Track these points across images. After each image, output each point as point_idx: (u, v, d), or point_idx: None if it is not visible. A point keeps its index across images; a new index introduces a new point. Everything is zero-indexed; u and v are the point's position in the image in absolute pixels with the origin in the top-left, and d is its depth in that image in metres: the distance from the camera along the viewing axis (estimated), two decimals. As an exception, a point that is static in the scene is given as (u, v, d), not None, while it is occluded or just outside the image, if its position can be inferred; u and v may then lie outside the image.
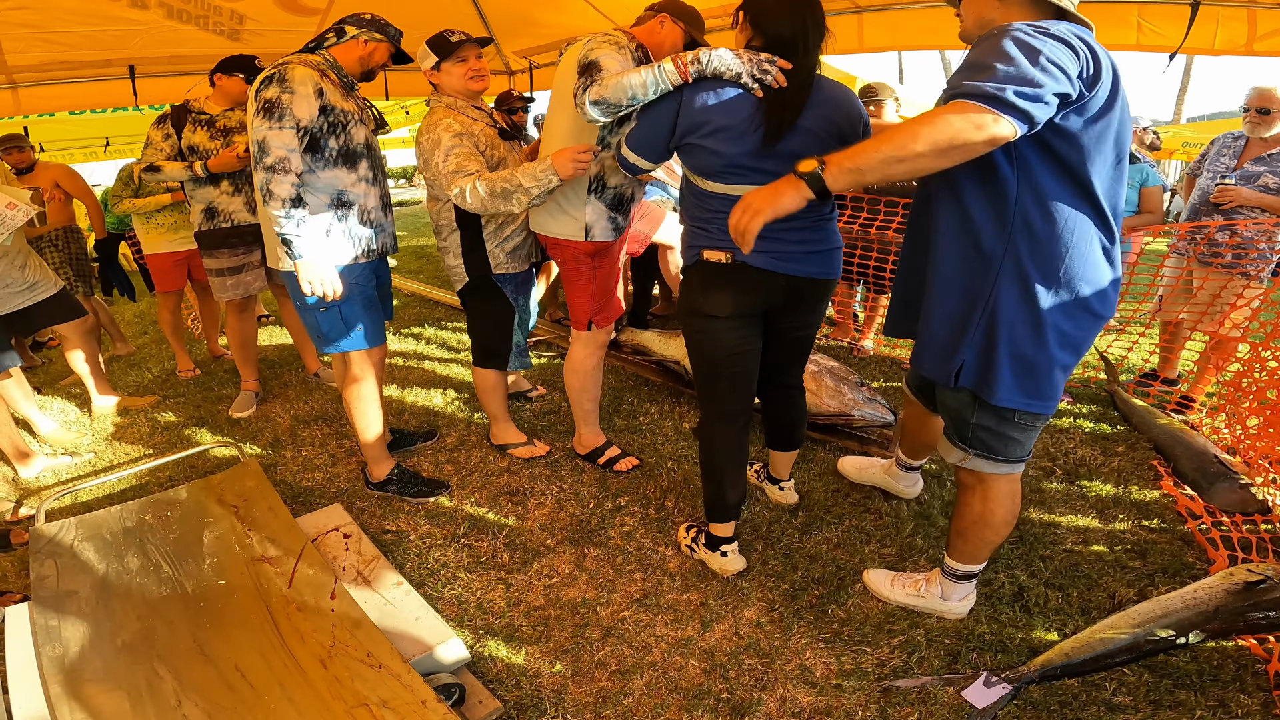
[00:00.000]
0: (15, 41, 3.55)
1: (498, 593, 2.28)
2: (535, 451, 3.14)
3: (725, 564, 2.36)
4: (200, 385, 4.26)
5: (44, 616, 1.94)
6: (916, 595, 2.17)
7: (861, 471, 2.84)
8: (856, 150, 1.47)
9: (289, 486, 2.94)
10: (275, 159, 2.29)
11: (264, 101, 2.31)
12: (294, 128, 2.32)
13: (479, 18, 4.70)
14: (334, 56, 2.56)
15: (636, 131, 2.14)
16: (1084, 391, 3.76)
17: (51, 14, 3.40)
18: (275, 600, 1.89)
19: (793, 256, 2.06)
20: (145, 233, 4.19)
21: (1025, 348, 1.64)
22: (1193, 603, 1.97)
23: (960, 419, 1.84)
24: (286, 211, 2.31)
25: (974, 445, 1.84)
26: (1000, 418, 1.76)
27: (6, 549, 2.67)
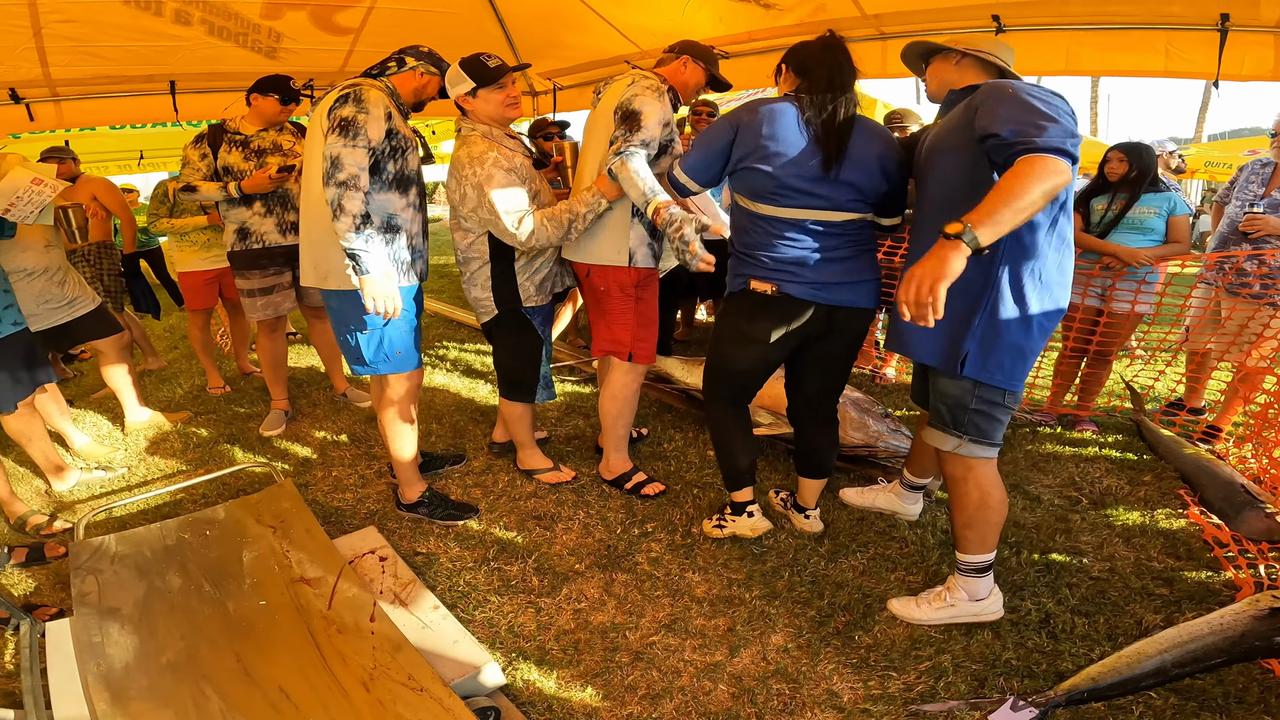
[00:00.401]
0: (61, 55, 3.63)
1: (528, 616, 2.31)
2: (562, 477, 3.16)
3: (755, 524, 2.61)
4: (230, 402, 4.33)
5: (87, 632, 1.99)
6: (946, 606, 2.24)
7: (863, 496, 2.90)
8: (990, 206, 1.68)
9: (320, 506, 2.98)
10: (348, 175, 2.32)
11: (339, 119, 2.34)
12: (366, 147, 2.37)
13: (505, 39, 4.80)
14: (394, 84, 2.63)
15: (691, 156, 2.32)
16: (1110, 421, 3.77)
17: (98, 28, 3.48)
18: (316, 622, 1.93)
19: (833, 287, 2.23)
20: (178, 250, 4.28)
21: (1019, 338, 1.97)
22: (1219, 628, 2.00)
23: (959, 405, 2.07)
24: (356, 227, 2.34)
25: (968, 430, 2.09)
26: (992, 401, 2.05)
27: (41, 562, 2.72)
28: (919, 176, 2.20)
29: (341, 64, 4.61)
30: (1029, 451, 3.42)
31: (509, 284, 2.81)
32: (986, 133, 1.79)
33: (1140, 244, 3.44)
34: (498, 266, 2.78)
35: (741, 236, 2.36)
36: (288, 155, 3.50)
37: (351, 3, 3.91)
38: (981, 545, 2.18)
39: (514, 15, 4.50)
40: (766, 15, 3.72)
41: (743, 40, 4.13)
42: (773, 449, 3.35)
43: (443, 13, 4.25)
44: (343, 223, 2.32)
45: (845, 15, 3.51)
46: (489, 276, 2.80)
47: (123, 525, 2.89)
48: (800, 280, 2.22)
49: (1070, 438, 3.59)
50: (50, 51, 3.58)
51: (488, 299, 2.84)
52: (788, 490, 2.90)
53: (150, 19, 3.52)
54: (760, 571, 2.51)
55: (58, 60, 3.67)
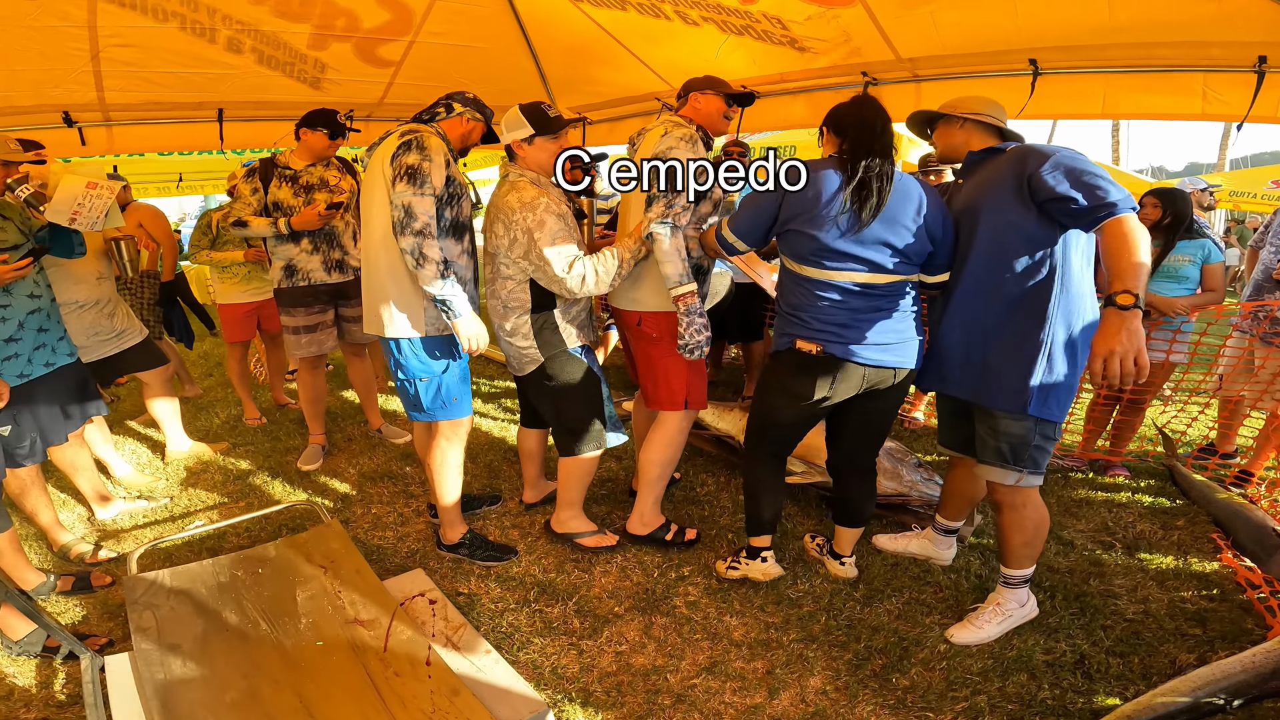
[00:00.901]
0: (117, 79, 3.70)
1: (571, 658, 2.35)
2: (606, 541, 2.99)
3: (766, 569, 2.72)
4: (267, 434, 4.41)
5: (149, 669, 2.04)
6: (1005, 618, 2.44)
7: (896, 542, 2.95)
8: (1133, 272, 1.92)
9: (361, 544, 3.02)
10: (422, 224, 2.39)
11: (406, 167, 2.39)
12: (433, 195, 2.43)
13: (539, 74, 4.90)
14: (444, 130, 2.66)
15: (740, 218, 2.44)
16: (1142, 466, 3.78)
17: (153, 53, 3.54)
18: (373, 664, 1.98)
19: (876, 348, 2.32)
20: (219, 282, 4.37)
21: (1070, 375, 2.19)
22: (1251, 666, 2.05)
23: (1022, 442, 2.25)
24: (441, 273, 2.42)
25: (1026, 464, 2.26)
26: (1047, 435, 2.25)
27: (87, 590, 2.79)
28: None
29: (381, 95, 4.72)
30: (1061, 497, 3.44)
31: (553, 330, 2.73)
32: (1053, 196, 2.05)
33: (1175, 292, 3.46)
34: (540, 314, 2.71)
35: (787, 296, 2.45)
36: (334, 191, 3.56)
37: (394, 36, 4.01)
38: (1033, 560, 2.42)
39: (548, 51, 4.59)
40: (801, 57, 3.78)
41: (775, 81, 4.20)
42: (804, 495, 3.38)
43: (480, 48, 4.35)
44: (427, 270, 2.40)
45: (880, 59, 3.54)
46: (530, 325, 2.72)
47: (168, 556, 2.97)
48: (844, 341, 2.32)
49: (1102, 483, 3.61)
50: (106, 75, 3.64)
51: (531, 348, 2.74)
52: (824, 536, 2.94)
53: (205, 46, 3.59)
54: (797, 615, 2.55)
55: (113, 84, 3.74)
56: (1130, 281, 1.91)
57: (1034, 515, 2.34)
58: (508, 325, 2.75)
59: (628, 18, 3.77)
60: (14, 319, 2.71)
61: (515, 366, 2.86)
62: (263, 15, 3.47)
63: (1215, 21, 2.49)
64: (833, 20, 3.24)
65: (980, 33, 3.05)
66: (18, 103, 3.66)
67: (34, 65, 3.38)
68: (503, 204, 2.60)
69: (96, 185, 2.91)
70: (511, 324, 2.74)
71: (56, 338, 2.93)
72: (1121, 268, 1.93)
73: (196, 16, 3.36)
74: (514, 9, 4.06)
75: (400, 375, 2.72)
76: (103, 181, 2.94)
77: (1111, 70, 3.06)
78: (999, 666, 2.28)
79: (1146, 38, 2.75)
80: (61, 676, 2.33)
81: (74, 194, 2.84)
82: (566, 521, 3.01)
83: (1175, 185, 7.43)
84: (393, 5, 3.70)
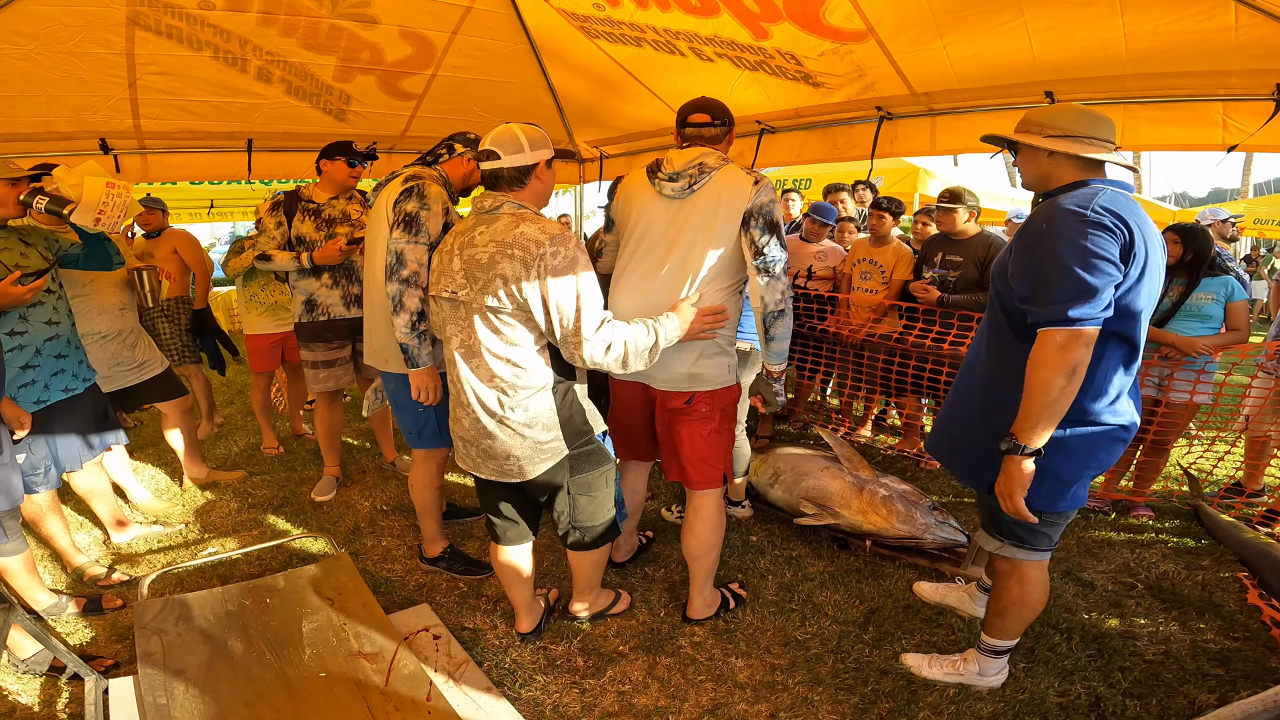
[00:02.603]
0: (153, 107, 3.83)
1: (572, 697, 2.32)
2: (625, 603, 2.82)
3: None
4: (284, 464, 4.44)
5: (152, 693, 2.05)
6: (955, 673, 2.36)
7: (937, 592, 2.87)
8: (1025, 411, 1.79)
9: (370, 576, 3.02)
10: (410, 272, 2.46)
11: (404, 214, 2.49)
12: (427, 243, 2.50)
13: (556, 108, 4.99)
14: (446, 172, 2.77)
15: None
16: (1167, 506, 3.69)
17: (188, 81, 3.67)
18: (374, 697, 1.97)
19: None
20: (246, 312, 4.43)
21: (1055, 465, 1.91)
22: (1273, 705, 1.96)
23: (996, 515, 2.07)
24: (412, 323, 2.48)
25: (1008, 537, 2.10)
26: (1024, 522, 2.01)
27: (98, 613, 2.83)
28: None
29: (403, 128, 4.83)
30: (1082, 538, 3.36)
31: (581, 411, 2.23)
32: (1010, 273, 1.89)
33: (1199, 332, 3.40)
34: (562, 390, 2.18)
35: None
36: (355, 226, 3.61)
37: (416, 70, 4.12)
38: (1008, 634, 2.27)
39: (566, 86, 4.69)
40: (815, 93, 3.81)
41: (790, 116, 4.24)
42: (816, 536, 3.33)
43: (500, 82, 4.46)
44: (401, 319, 2.49)
45: (895, 93, 3.56)
46: (551, 408, 2.16)
47: (180, 582, 2.99)
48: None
49: (1125, 524, 3.53)
50: (143, 103, 3.77)
51: (554, 440, 2.18)
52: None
53: (236, 75, 3.73)
54: (804, 658, 2.50)
55: (149, 112, 3.87)
56: (1019, 424, 1.80)
57: (1015, 590, 2.17)
58: (515, 415, 2.12)
59: (643, 54, 3.84)
60: (31, 345, 2.76)
61: (512, 470, 2.21)
62: (291, 47, 3.60)
63: (1233, 50, 2.47)
64: (846, 56, 3.27)
65: (995, 66, 3.06)
66: (57, 128, 3.79)
67: (74, 91, 3.51)
68: (511, 238, 2.01)
69: (114, 184, 2.92)
70: (524, 411, 2.12)
71: (76, 363, 2.97)
72: (1022, 405, 1.79)
73: (229, 46, 3.49)
74: (532, 44, 4.16)
75: (396, 407, 2.90)
76: (118, 180, 2.97)
77: (1129, 101, 3.04)
78: (1010, 710, 2.23)
79: (1164, 68, 2.73)
80: (65, 696, 2.36)
81: (98, 197, 2.86)
82: (595, 603, 2.71)
83: (1196, 215, 7.36)
84: (415, 39, 3.81)
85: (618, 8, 3.39)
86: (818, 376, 4.76)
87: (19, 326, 2.72)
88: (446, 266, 2.14)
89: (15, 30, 2.99)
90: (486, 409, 2.12)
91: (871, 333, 4.33)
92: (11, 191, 2.65)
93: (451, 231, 2.21)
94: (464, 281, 2.08)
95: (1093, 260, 1.70)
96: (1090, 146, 1.85)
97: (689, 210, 2.31)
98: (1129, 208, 1.76)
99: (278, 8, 3.30)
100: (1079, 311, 1.70)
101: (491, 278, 2.02)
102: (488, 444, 2.17)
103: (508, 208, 2.10)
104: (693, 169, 2.29)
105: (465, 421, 2.19)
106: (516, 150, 2.09)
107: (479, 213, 2.13)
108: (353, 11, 3.45)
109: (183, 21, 3.25)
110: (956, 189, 4.03)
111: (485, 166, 2.12)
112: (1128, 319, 1.80)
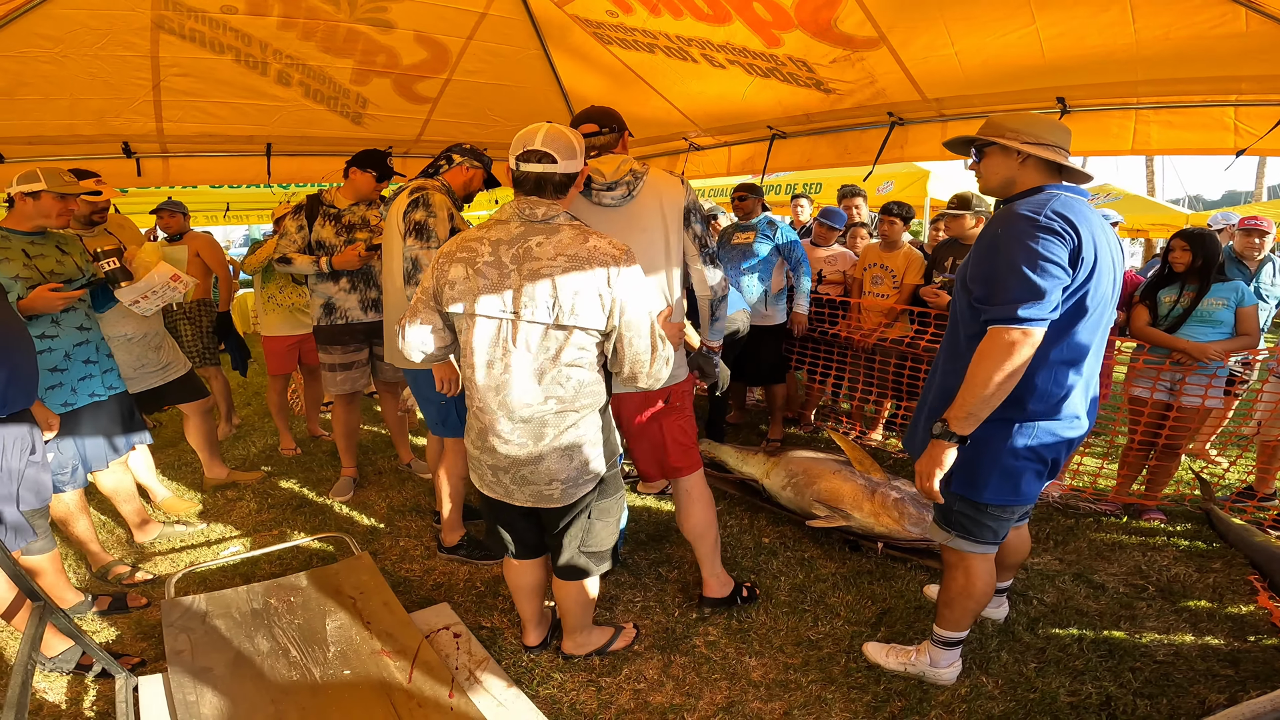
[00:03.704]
0: (175, 109, 3.88)
1: (589, 694, 2.36)
2: (629, 635, 2.65)
3: None
4: (301, 465, 4.51)
5: (181, 690, 2.11)
6: (908, 663, 2.42)
7: None
8: (962, 400, 1.89)
9: (388, 576, 3.05)
10: None
11: (414, 223, 2.67)
12: (438, 247, 2.61)
13: (569, 113, 5.01)
14: (448, 182, 2.91)
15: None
16: (1179, 509, 3.71)
17: (209, 83, 3.73)
18: (397, 694, 2.02)
19: None
20: (264, 315, 4.50)
21: (1005, 459, 2.01)
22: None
23: (945, 509, 2.17)
24: None
25: (955, 527, 2.18)
26: (976, 508, 2.12)
27: (123, 611, 2.89)
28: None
29: (418, 132, 4.88)
30: (1093, 541, 3.38)
31: (611, 430, 2.19)
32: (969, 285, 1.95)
33: (1210, 337, 3.41)
34: (605, 414, 2.14)
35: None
36: (374, 232, 3.66)
37: (431, 73, 4.17)
38: (956, 624, 2.31)
39: (578, 91, 4.72)
40: (826, 98, 3.83)
41: (801, 121, 4.27)
42: (828, 538, 3.36)
43: (512, 86, 4.50)
44: None
45: (906, 99, 3.58)
46: (600, 427, 2.10)
47: (203, 580, 3.05)
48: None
49: (1137, 527, 3.54)
50: (166, 106, 3.82)
51: (597, 462, 2.11)
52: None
53: (256, 78, 3.78)
54: (816, 657, 2.54)
55: (171, 115, 3.92)
56: (953, 411, 1.90)
57: (961, 580, 2.23)
58: (566, 436, 2.03)
59: (656, 60, 3.87)
60: (60, 349, 2.84)
61: (553, 495, 2.10)
62: (310, 50, 3.65)
63: (1243, 55, 2.49)
64: (858, 63, 3.30)
65: (1006, 70, 3.07)
66: (81, 132, 3.84)
67: (98, 94, 3.57)
68: (585, 252, 1.91)
69: (179, 279, 3.16)
70: (574, 431, 2.04)
71: (103, 370, 3.05)
72: (959, 393, 1.89)
73: (250, 50, 3.55)
74: (545, 50, 4.21)
75: (420, 399, 3.07)
76: (185, 278, 3.21)
77: (1141, 106, 3.05)
78: (1020, 709, 2.25)
79: (1175, 73, 2.75)
80: (92, 694, 2.40)
81: (154, 283, 3.09)
82: (587, 642, 2.54)
83: (1208, 219, 7.32)
84: (430, 44, 3.86)
85: (631, 15, 3.42)
86: (829, 380, 4.78)
87: (50, 330, 2.80)
88: (498, 284, 1.93)
89: (41, 34, 3.04)
90: (534, 433, 2.00)
91: (883, 337, 4.36)
92: (58, 204, 2.76)
93: (479, 241, 1.99)
94: (526, 300, 1.91)
95: (1041, 263, 1.79)
96: (1058, 155, 1.96)
97: (634, 216, 2.38)
98: (1081, 213, 1.86)
99: (297, 11, 3.35)
100: (1028, 311, 1.79)
101: (562, 293, 1.89)
102: (528, 470, 2.04)
103: (564, 218, 1.98)
104: (627, 176, 2.36)
105: (500, 449, 2.04)
106: (570, 155, 1.96)
107: (527, 221, 1.96)
108: (370, 16, 3.50)
109: (205, 25, 3.31)
110: (965, 194, 4.05)
111: (534, 170, 1.93)
112: (1076, 320, 1.90)
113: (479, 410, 2.04)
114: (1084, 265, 1.83)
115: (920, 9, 2.79)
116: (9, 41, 3.01)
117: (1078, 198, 1.92)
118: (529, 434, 2.00)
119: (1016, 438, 2.00)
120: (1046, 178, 1.98)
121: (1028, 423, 1.99)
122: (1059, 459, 2.07)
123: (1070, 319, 1.90)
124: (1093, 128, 3.22)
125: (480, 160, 2.99)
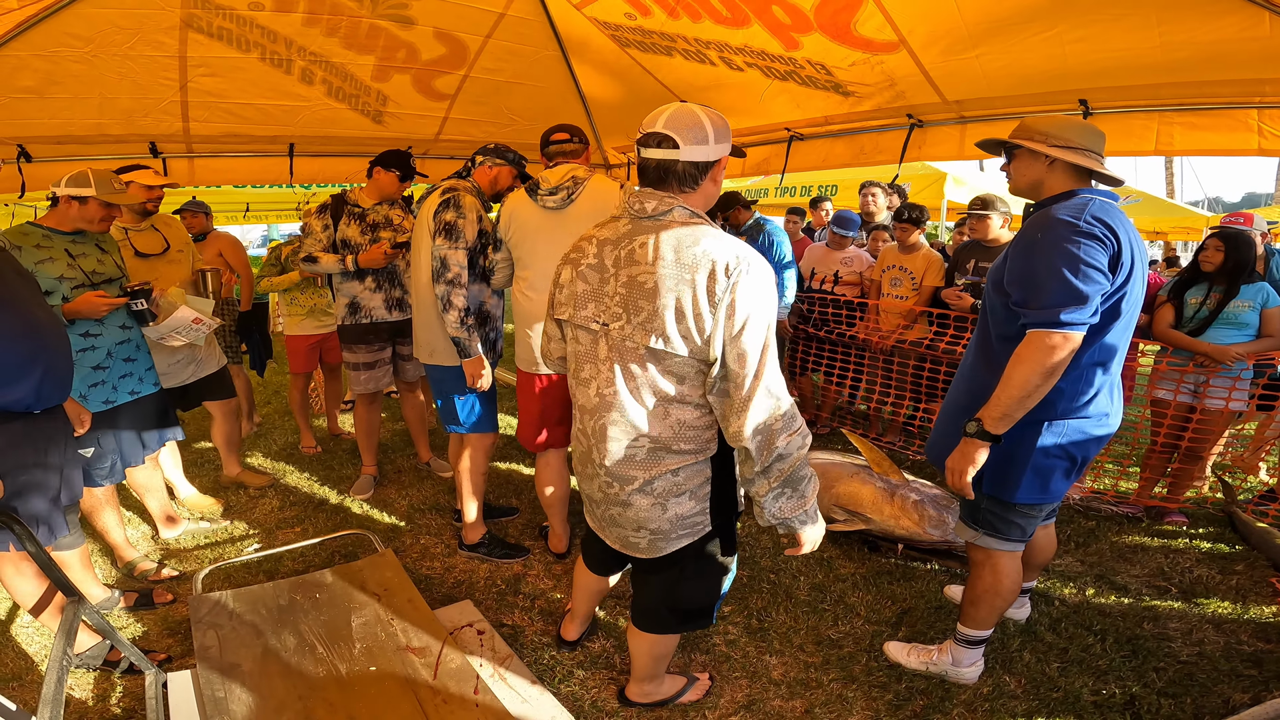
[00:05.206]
0: (202, 109, 3.92)
1: (610, 692, 2.38)
2: (704, 683, 2.41)
3: None
4: (321, 463, 4.55)
5: (210, 687, 2.13)
6: (930, 662, 2.43)
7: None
8: (998, 400, 1.92)
9: (410, 573, 3.03)
10: (454, 274, 2.76)
11: (443, 224, 2.76)
12: (465, 248, 2.78)
13: (585, 113, 5.04)
14: (477, 182, 2.97)
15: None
16: (1200, 512, 3.69)
17: (235, 83, 3.76)
18: (423, 691, 2.05)
19: None
20: (287, 315, 4.55)
21: (1037, 458, 2.03)
22: None
23: (974, 505, 2.20)
24: (462, 319, 2.77)
25: (983, 526, 2.20)
26: (1005, 507, 2.14)
27: (149, 607, 2.92)
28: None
29: (437, 131, 4.90)
30: (1115, 543, 3.37)
31: (731, 481, 1.86)
32: (1006, 280, 1.97)
33: (1235, 339, 3.39)
34: (721, 458, 1.80)
35: None
36: (398, 231, 3.70)
37: (449, 69, 4.19)
38: (981, 623, 2.33)
39: (596, 93, 4.74)
40: (845, 101, 3.83)
41: (819, 124, 4.26)
42: (847, 540, 3.37)
43: (529, 85, 4.52)
44: (451, 315, 2.76)
45: (925, 101, 3.56)
46: (709, 479, 1.79)
47: (227, 577, 3.09)
48: None
49: (1159, 529, 3.53)
50: (192, 106, 3.86)
51: (699, 514, 1.80)
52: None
53: (281, 76, 3.82)
54: (837, 656, 2.55)
55: (197, 115, 3.96)
56: (989, 410, 1.93)
57: (988, 579, 2.25)
58: (659, 483, 1.74)
59: (673, 63, 3.89)
60: (103, 348, 2.90)
61: (640, 544, 1.85)
62: (333, 47, 3.69)
63: (1267, 59, 2.47)
64: (877, 66, 3.30)
65: (1028, 74, 3.05)
66: (109, 131, 3.89)
67: (127, 94, 3.61)
68: (692, 257, 1.58)
69: (201, 322, 3.29)
70: (672, 478, 1.74)
71: (144, 368, 3.10)
72: (995, 393, 1.92)
73: (275, 47, 3.59)
74: (563, 51, 4.23)
75: (441, 395, 3.11)
76: (207, 320, 3.32)
77: (1164, 108, 3.03)
78: (1044, 708, 2.26)
79: (1199, 76, 2.74)
80: (119, 690, 2.43)
81: (180, 323, 3.20)
82: (655, 692, 2.30)
83: (1220, 222, 7.24)
84: (449, 40, 3.89)
85: (649, 17, 3.44)
86: (846, 382, 4.78)
87: (94, 329, 2.87)
88: (598, 290, 1.72)
89: (71, 33, 3.07)
90: (622, 473, 1.75)
91: (902, 339, 4.35)
92: (103, 210, 2.82)
93: (588, 240, 1.79)
94: (620, 310, 1.66)
95: (1083, 268, 1.81)
96: (1089, 159, 1.96)
97: (572, 218, 2.63)
98: (1118, 218, 1.88)
99: (321, 8, 3.39)
100: (1070, 315, 1.81)
101: (659, 308, 1.59)
102: (616, 511, 1.82)
103: (679, 214, 1.65)
104: (568, 182, 2.63)
105: (595, 481, 1.83)
106: (700, 140, 1.61)
107: (635, 217, 1.68)
108: (392, 12, 3.53)
109: (233, 23, 3.34)
110: (988, 196, 4.04)
111: (654, 155, 1.63)
112: (1110, 323, 1.93)
113: (579, 432, 1.85)
114: (1123, 270, 1.86)
115: (941, 13, 2.79)
116: (41, 40, 3.05)
117: (1111, 202, 1.93)
118: (618, 472, 1.75)
119: (1047, 436, 2.02)
120: (1075, 181, 2.00)
121: (1058, 420, 2.01)
122: (1088, 456, 2.09)
123: (1105, 322, 1.92)
124: (1116, 129, 3.19)
125: (503, 157, 3.01)
